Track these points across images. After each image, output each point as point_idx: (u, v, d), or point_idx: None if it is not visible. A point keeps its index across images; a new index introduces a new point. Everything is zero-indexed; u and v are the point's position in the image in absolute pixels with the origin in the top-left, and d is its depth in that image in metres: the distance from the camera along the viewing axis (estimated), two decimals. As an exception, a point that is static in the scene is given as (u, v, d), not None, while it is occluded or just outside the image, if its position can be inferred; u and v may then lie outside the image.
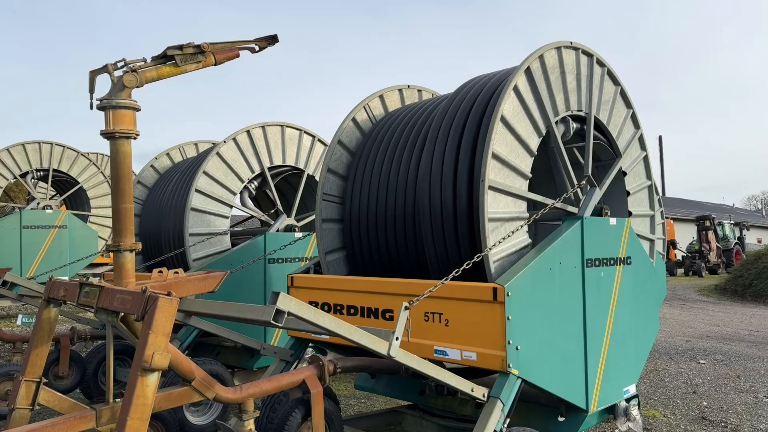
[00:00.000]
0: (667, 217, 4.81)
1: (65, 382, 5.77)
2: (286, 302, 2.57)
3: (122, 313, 2.74)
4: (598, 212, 4.23)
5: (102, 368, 6.15)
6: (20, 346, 5.95)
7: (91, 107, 2.89)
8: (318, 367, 3.53)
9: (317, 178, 7.22)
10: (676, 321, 12.60)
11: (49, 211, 11.53)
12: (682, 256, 29.23)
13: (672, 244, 27.15)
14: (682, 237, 33.60)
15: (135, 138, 2.89)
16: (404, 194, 4.35)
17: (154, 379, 2.30)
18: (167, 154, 7.88)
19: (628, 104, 4.85)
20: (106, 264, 14.56)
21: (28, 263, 11.03)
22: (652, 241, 5.03)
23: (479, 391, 3.42)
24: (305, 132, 7.18)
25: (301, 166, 7.14)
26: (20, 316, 6.31)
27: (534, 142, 3.93)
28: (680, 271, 28.68)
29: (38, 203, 11.89)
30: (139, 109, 2.89)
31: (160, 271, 2.84)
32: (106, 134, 2.86)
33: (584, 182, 4.26)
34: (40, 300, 6.31)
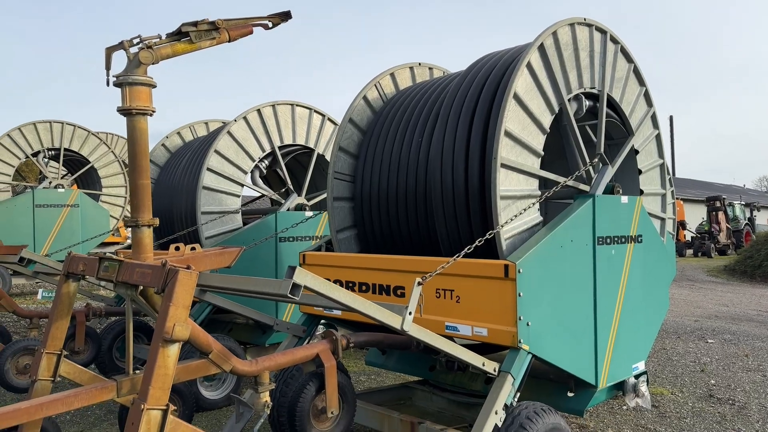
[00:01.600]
0: (676, 198, 4.79)
1: (81, 357, 5.89)
2: (303, 276, 2.61)
3: (141, 287, 2.80)
4: (609, 190, 4.23)
5: (116, 344, 6.27)
6: (37, 321, 6.07)
7: (108, 84, 2.91)
8: (331, 342, 3.58)
9: (327, 157, 7.24)
10: (685, 301, 12.62)
11: (61, 190, 11.63)
12: (692, 237, 29.13)
13: (681, 225, 27.05)
14: (692, 218, 33.45)
15: (151, 114, 2.91)
16: (415, 172, 4.37)
17: (174, 350, 2.35)
18: (178, 133, 7.92)
19: (641, 82, 4.82)
20: (117, 243, 14.71)
21: (41, 242, 11.16)
22: (663, 219, 5.03)
23: (490, 366, 3.46)
24: (315, 111, 7.19)
25: (311, 145, 7.15)
26: (41, 290, 6.42)
27: (547, 120, 3.92)
28: (689, 251, 28.60)
29: (50, 182, 11.99)
30: (155, 86, 2.91)
31: (177, 247, 2.88)
32: (123, 111, 2.88)
33: (596, 160, 4.25)
34: (59, 275, 6.41)
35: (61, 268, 6.07)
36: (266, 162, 7.08)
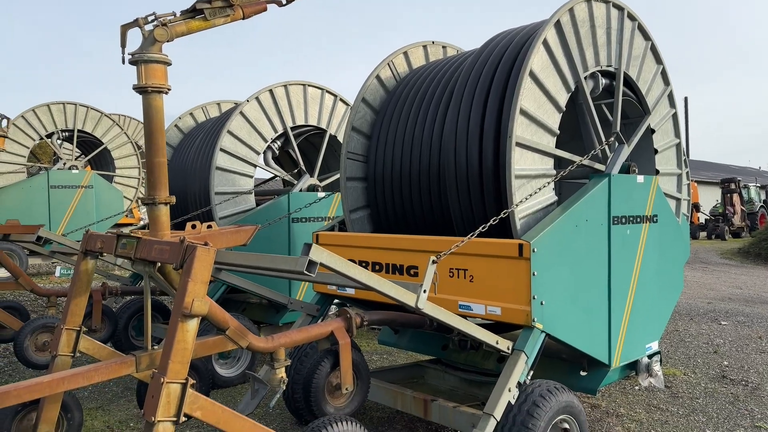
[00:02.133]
0: (691, 180, 4.75)
1: (98, 336, 5.98)
2: (318, 253, 2.62)
3: (159, 264, 2.83)
4: (625, 170, 4.20)
5: (132, 323, 6.36)
6: (54, 300, 6.16)
7: (123, 62, 2.91)
8: (346, 320, 3.61)
9: (339, 138, 7.23)
10: (698, 283, 12.55)
11: (75, 171, 11.72)
12: (706, 220, 28.87)
13: (695, 207, 26.81)
14: (706, 200, 33.14)
15: (167, 92, 2.92)
16: (429, 152, 4.35)
17: (193, 324, 2.38)
18: (191, 114, 7.93)
19: (659, 60, 4.75)
20: (130, 224, 14.84)
21: (56, 222, 11.28)
22: (678, 200, 4.99)
23: (504, 344, 3.48)
24: (327, 91, 7.16)
25: (323, 125, 7.14)
26: (58, 268, 6.51)
27: (562, 98, 3.88)
28: (703, 234, 28.38)
29: (64, 164, 12.08)
30: (170, 64, 2.91)
31: (194, 225, 2.91)
32: (138, 88, 2.89)
33: (612, 139, 4.21)
34: (75, 255, 6.48)
35: (78, 247, 6.15)
36: (279, 143, 7.08)
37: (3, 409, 3.13)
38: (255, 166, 6.68)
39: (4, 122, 5.99)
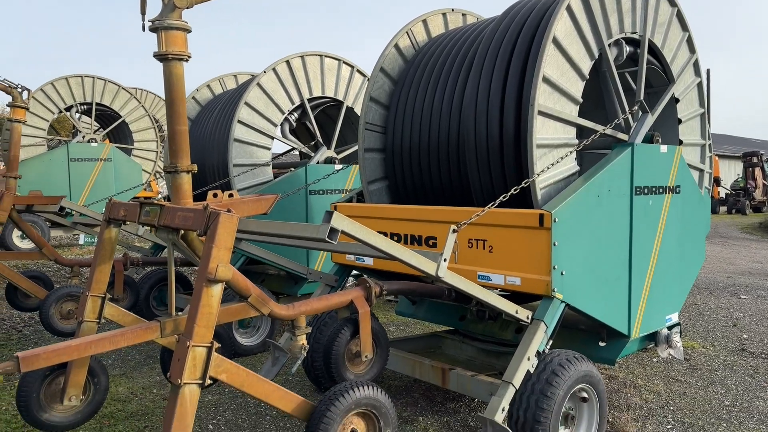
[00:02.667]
0: (712, 154, 4.63)
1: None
2: (340, 221, 2.63)
3: (182, 232, 2.85)
4: (649, 139, 4.13)
5: (153, 293, 6.46)
6: (77, 269, 6.27)
7: (143, 29, 2.90)
8: (365, 289, 3.63)
9: (356, 110, 7.19)
10: (717, 258, 12.43)
11: (94, 144, 11.81)
12: (726, 194, 28.44)
13: (716, 181, 26.40)
14: (727, 174, 32.59)
15: (187, 60, 2.91)
16: (448, 121, 4.31)
17: (218, 289, 2.41)
18: (208, 86, 7.92)
19: (684, 27, 4.63)
20: (148, 198, 14.98)
21: (76, 195, 11.42)
22: (701, 171, 4.91)
23: (523, 313, 3.48)
24: (344, 62, 7.10)
25: (340, 97, 7.10)
26: (82, 236, 6.62)
27: (586, 66, 3.81)
28: (723, 209, 27.99)
29: (83, 137, 12.17)
30: (190, 31, 2.89)
31: (215, 194, 2.92)
32: (159, 56, 2.88)
33: (636, 108, 4.14)
34: (96, 226, 6.56)
35: (99, 217, 6.23)
36: (295, 115, 7.06)
37: (32, 372, 3.21)
38: (272, 138, 6.68)
39: (25, 94, 6.03)
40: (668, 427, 4.05)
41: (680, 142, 4.65)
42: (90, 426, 3.99)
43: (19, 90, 5.95)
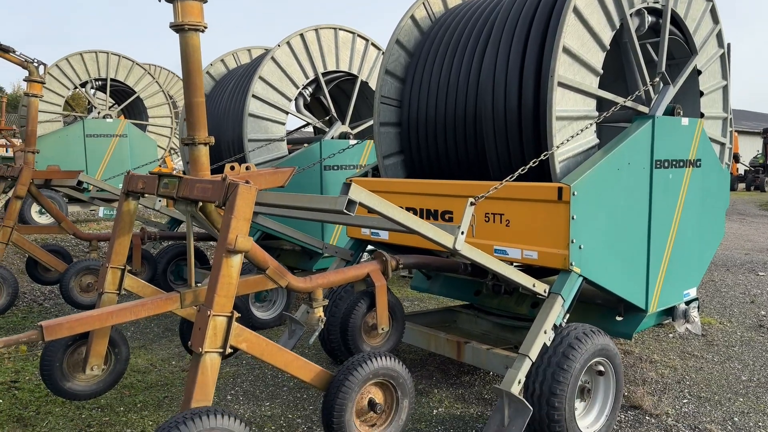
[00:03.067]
0: (731, 129, 4.52)
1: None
2: (358, 192, 2.62)
3: (201, 204, 2.86)
4: (670, 112, 4.06)
5: (171, 267, 6.53)
6: (96, 244, 6.35)
7: (159, 0, 2.88)
8: (381, 262, 3.64)
9: (371, 84, 7.13)
10: (735, 235, 12.29)
11: (109, 120, 11.86)
12: (745, 171, 28.01)
13: (735, 158, 26.00)
14: (746, 151, 32.06)
15: (203, 30, 2.89)
16: (465, 94, 4.26)
17: (237, 260, 2.43)
18: (222, 60, 7.88)
19: (709, -4, 4.51)
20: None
21: (92, 171, 11.50)
22: (723, 144, 4.83)
23: (540, 287, 3.47)
24: (358, 35, 7.02)
25: (354, 71, 7.04)
26: (101, 208, 6.67)
27: (607, 36, 3.73)
28: (741, 185, 27.60)
29: (98, 113, 12.22)
30: (206, 1, 2.87)
31: (232, 167, 2.92)
32: (175, 27, 2.87)
33: (657, 79, 4.06)
34: (116, 198, 6.61)
35: (117, 191, 6.27)
36: (310, 89, 7.02)
37: (55, 341, 3.27)
38: (287, 113, 6.66)
39: (41, 69, 6.04)
40: (684, 401, 4.05)
41: (701, 115, 4.56)
42: (111, 396, 4.08)
43: (35, 65, 5.97)
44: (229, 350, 2.45)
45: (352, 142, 6.54)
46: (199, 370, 2.37)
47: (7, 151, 18.85)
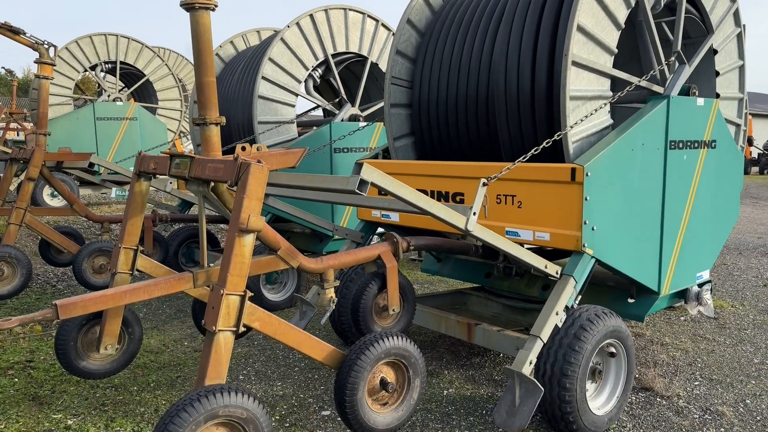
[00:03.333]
0: (745, 112, 4.45)
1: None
2: (370, 172, 2.61)
3: (213, 184, 2.86)
4: (685, 92, 4.00)
5: (182, 249, 6.56)
6: (108, 226, 6.38)
7: (170, -22, 2.86)
8: (392, 244, 3.63)
9: (381, 65, 7.08)
10: (748, 219, 12.18)
11: (119, 103, 11.87)
12: (759, 154, 27.69)
13: (749, 141, 25.67)
14: (760, 134, 31.66)
15: (213, 9, 2.86)
16: (477, 75, 4.21)
17: (250, 239, 2.43)
18: (231, 42, 7.84)
19: (727, -26, 4.42)
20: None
21: (103, 154, 11.54)
22: (738, 126, 4.76)
23: (552, 269, 3.46)
24: (368, 16, 6.95)
25: (364, 53, 6.98)
26: (114, 189, 6.71)
27: (622, 14, 3.67)
28: (755, 169, 27.30)
29: (108, 96, 12.23)
30: (217, -21, 2.84)
31: (243, 147, 2.91)
32: (185, 5, 2.84)
33: (673, 59, 3.99)
34: (127, 180, 6.64)
35: (128, 173, 6.29)
36: (319, 71, 6.98)
37: (70, 321, 3.31)
38: (296, 95, 6.63)
39: (51, 51, 6.04)
40: (696, 383, 4.04)
41: (717, 96, 4.49)
42: (124, 375, 4.12)
43: (46, 46, 5.97)
44: (242, 329, 2.46)
45: (362, 124, 6.50)
46: (212, 349, 2.38)
47: (18, 135, 18.95)
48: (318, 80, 7.06)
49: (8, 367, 4.27)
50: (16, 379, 4.06)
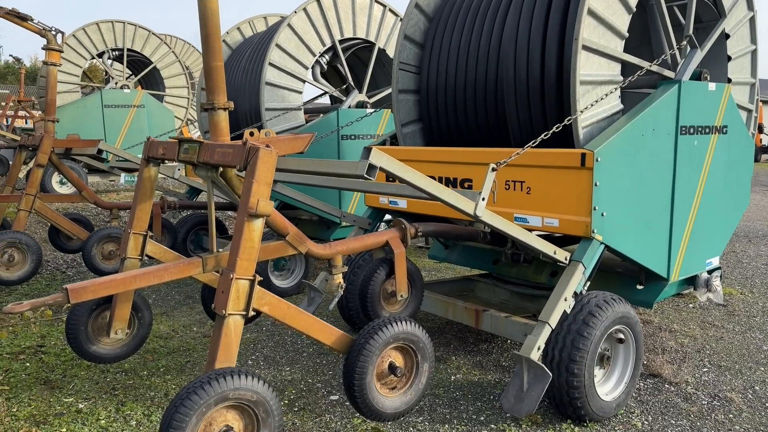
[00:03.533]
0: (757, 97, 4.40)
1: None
2: (378, 157, 2.60)
3: (221, 168, 2.86)
4: (696, 76, 3.95)
5: (190, 236, 6.59)
6: (117, 212, 6.41)
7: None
8: (400, 230, 3.63)
9: (388, 52, 7.04)
10: (757, 206, 12.09)
11: (127, 90, 11.88)
12: (769, 142, 27.42)
13: (759, 129, 25.42)
14: (770, 122, 31.27)
15: (222, -7, 2.85)
16: (486, 60, 4.18)
17: (259, 224, 2.43)
18: (238, 28, 7.82)
19: (740, -44, 4.35)
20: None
21: (111, 141, 11.57)
22: (750, 111, 4.71)
23: (561, 254, 3.45)
24: (376, 1, 6.90)
25: (371, 38, 6.94)
26: (123, 174, 6.73)
27: (633, -2, 3.62)
28: (765, 157, 27.05)
29: (116, 83, 12.23)
30: (225, -37, 2.83)
31: (252, 133, 2.90)
32: (194, -10, 2.83)
33: (684, 43, 3.94)
34: (136, 167, 6.66)
35: (137, 160, 6.30)
36: (326, 57, 6.95)
37: (80, 305, 3.33)
38: (304, 81, 6.60)
39: (59, 37, 6.04)
40: (704, 370, 4.03)
41: (729, 81, 4.44)
42: (134, 360, 4.16)
43: (54, 33, 5.96)
44: (251, 313, 2.47)
45: (370, 111, 6.48)
46: (222, 332, 2.40)
47: (26, 123, 19.02)
48: (325, 67, 7.03)
49: (20, 351, 4.32)
50: (28, 364, 4.11)
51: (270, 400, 2.35)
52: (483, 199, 3.00)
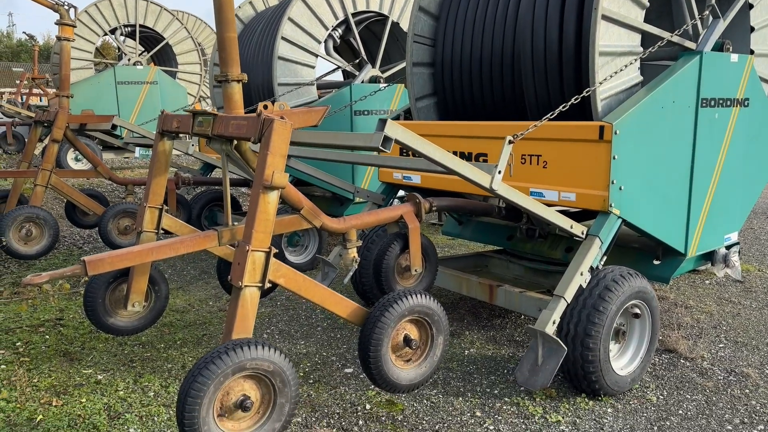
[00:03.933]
0: None
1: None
2: (394, 129, 2.57)
3: (236, 142, 2.85)
4: (718, 47, 3.85)
5: (204, 213, 6.62)
6: (132, 188, 6.45)
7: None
8: (415, 204, 3.61)
9: (402, 25, 6.94)
10: (776, 183, 11.88)
11: (139, 67, 11.87)
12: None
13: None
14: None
15: (235, -37, 2.81)
16: (503, 31, 4.10)
17: (274, 196, 2.43)
18: (250, 2, 7.74)
19: None
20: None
21: (125, 117, 11.61)
22: (773, 84, 4.59)
23: (578, 229, 3.42)
24: (390, -27, 6.79)
25: (385, 11, 6.85)
26: (138, 149, 6.76)
27: (655, -34, 3.52)
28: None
29: (129, 60, 12.22)
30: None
31: (265, 106, 2.88)
32: (206, -41, 2.80)
33: (707, 12, 3.84)
34: (150, 143, 6.69)
35: (151, 135, 6.32)
36: (339, 31, 6.87)
37: (97, 278, 3.37)
38: (316, 56, 6.54)
39: (72, 12, 6.02)
40: (720, 345, 4.01)
41: (751, 52, 4.33)
42: (151, 333, 4.21)
43: (66, 8, 5.94)
44: (267, 285, 2.48)
45: (383, 85, 6.42)
46: (239, 304, 2.41)
47: (41, 100, 19.11)
48: (338, 41, 6.95)
49: (39, 324, 4.39)
50: (47, 336, 4.17)
51: (287, 371, 2.37)
52: (499, 172, 2.97)
